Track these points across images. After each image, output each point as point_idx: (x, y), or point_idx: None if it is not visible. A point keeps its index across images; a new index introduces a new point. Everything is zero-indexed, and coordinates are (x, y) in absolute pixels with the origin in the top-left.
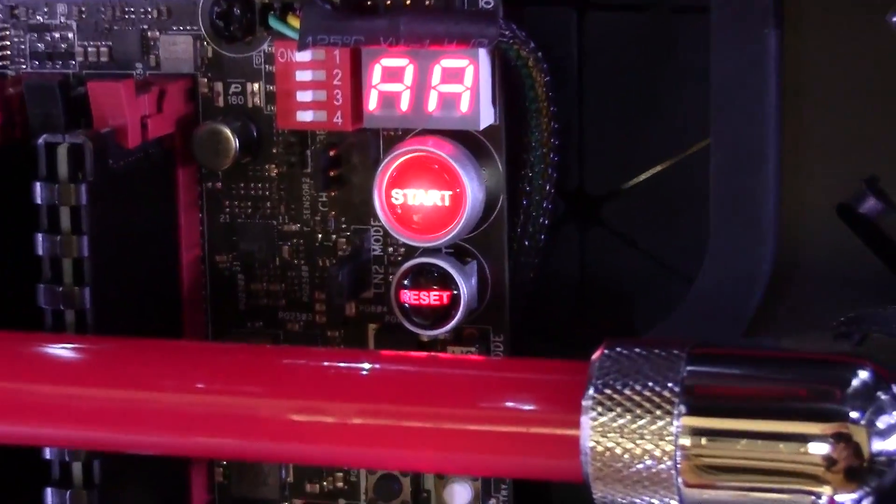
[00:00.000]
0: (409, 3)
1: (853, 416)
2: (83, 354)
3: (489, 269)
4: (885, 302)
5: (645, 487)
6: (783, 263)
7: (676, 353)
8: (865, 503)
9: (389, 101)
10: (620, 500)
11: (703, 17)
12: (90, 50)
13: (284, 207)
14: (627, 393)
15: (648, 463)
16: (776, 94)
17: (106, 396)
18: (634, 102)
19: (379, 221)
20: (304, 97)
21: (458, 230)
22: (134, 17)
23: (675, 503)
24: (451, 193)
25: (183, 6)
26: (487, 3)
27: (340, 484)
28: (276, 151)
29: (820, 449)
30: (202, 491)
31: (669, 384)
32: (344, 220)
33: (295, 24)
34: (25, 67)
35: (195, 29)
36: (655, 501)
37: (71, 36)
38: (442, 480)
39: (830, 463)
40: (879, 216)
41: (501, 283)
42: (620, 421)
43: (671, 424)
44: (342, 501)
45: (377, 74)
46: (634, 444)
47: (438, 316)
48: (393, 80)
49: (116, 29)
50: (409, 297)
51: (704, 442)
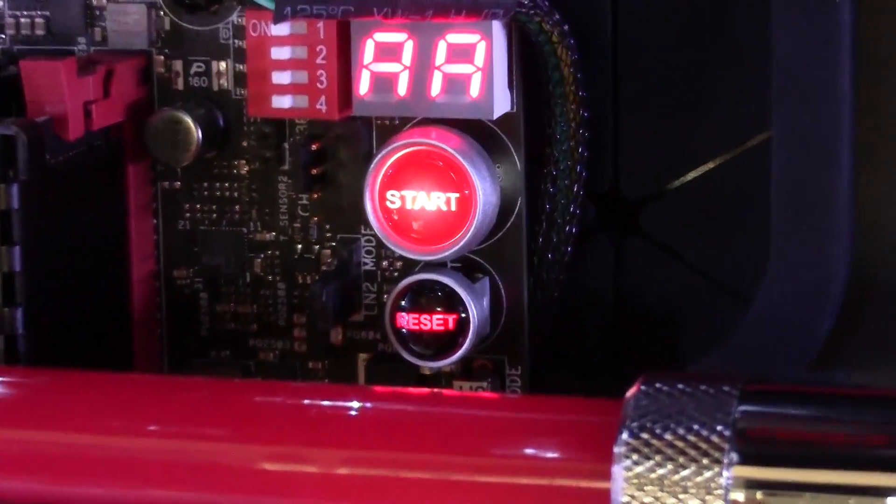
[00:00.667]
0: None
1: None
2: (13, 389)
3: (504, 287)
4: None
5: None
6: (858, 282)
7: (727, 389)
8: None
9: (384, 84)
10: None
11: None
12: (23, 21)
13: (257, 212)
14: (668, 438)
15: None
16: (850, 77)
17: (41, 440)
18: (680, 87)
19: (371, 229)
20: (280, 79)
21: (466, 240)
22: None
23: None
24: (458, 196)
25: None
26: None
27: None
28: (246, 144)
29: None
30: None
31: (719, 427)
32: (329, 227)
33: None
34: None
35: None
36: None
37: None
38: None
39: None
40: None
41: (519, 304)
42: (660, 471)
43: (721, 476)
44: None
45: (369, 52)
46: (677, 498)
47: (443, 344)
48: (388, 58)
49: None
50: (407, 321)
51: (760, 496)
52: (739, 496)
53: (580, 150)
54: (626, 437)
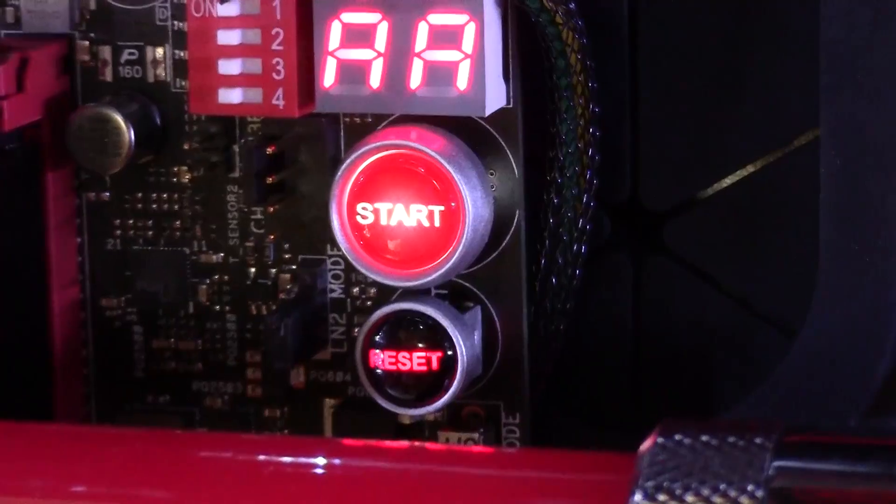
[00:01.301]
0: None
1: None
2: None
3: (500, 318)
4: None
5: None
6: None
7: (760, 441)
8: None
9: (354, 74)
10: None
11: None
12: None
13: (201, 229)
14: (689, 500)
15: None
16: None
17: None
18: (711, 78)
19: (339, 250)
20: (228, 68)
21: (453, 263)
22: None
23: None
24: (443, 209)
25: None
26: None
27: None
28: (189, 147)
29: None
30: None
31: (749, 486)
32: (288, 247)
33: None
34: None
35: None
36: None
37: None
38: None
39: None
40: None
41: (518, 339)
42: None
43: None
44: None
45: (336, 36)
46: None
47: (425, 387)
48: (359, 43)
49: None
50: (382, 360)
51: None
52: None
53: (590, 152)
54: (639, 499)
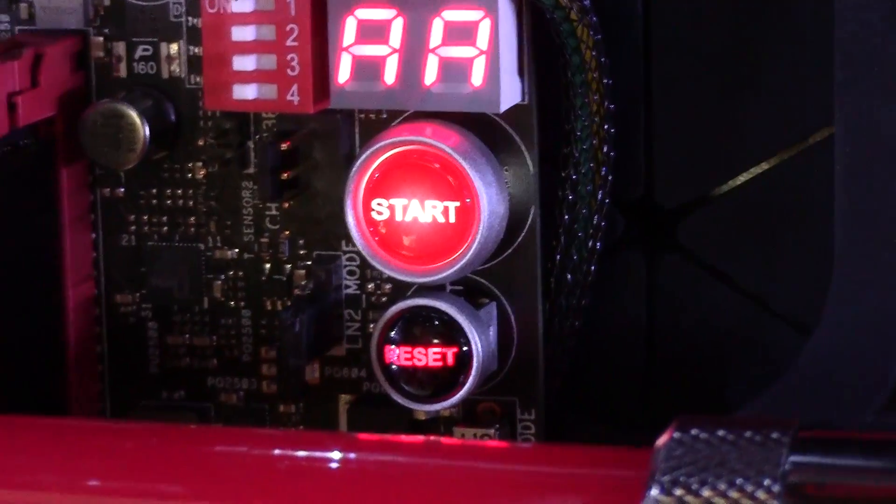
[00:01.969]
0: None
1: None
2: None
3: (514, 314)
4: None
5: None
6: None
7: (777, 437)
8: None
9: (368, 70)
10: None
11: None
12: None
13: (216, 225)
14: (706, 494)
15: None
16: None
17: None
18: (725, 74)
19: (354, 246)
20: (243, 64)
21: (468, 259)
22: None
23: None
24: (458, 205)
25: None
26: None
27: None
28: (203, 143)
29: None
30: None
31: (766, 481)
32: (303, 243)
33: None
34: None
35: None
36: None
37: None
38: None
39: None
40: None
41: (533, 335)
42: None
43: None
44: None
45: (351, 32)
46: None
47: (441, 383)
48: (374, 39)
49: None
50: (397, 355)
51: None
52: None
53: (605, 149)
54: (655, 493)
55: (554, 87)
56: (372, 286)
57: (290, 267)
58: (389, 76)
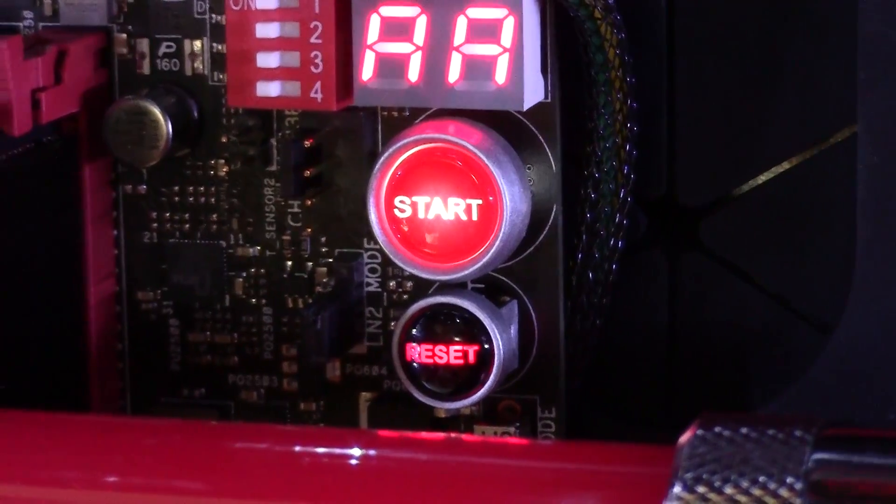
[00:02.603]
0: None
1: None
2: None
3: (536, 312)
4: None
5: None
6: None
7: (800, 434)
8: None
9: (392, 67)
10: None
11: None
12: None
13: (238, 222)
14: (729, 492)
15: None
16: None
17: None
18: (748, 73)
19: (376, 243)
20: (267, 61)
21: (490, 256)
22: None
23: None
24: (480, 203)
25: None
26: None
27: None
28: (226, 140)
29: None
30: None
31: (789, 479)
32: (325, 240)
33: None
34: None
35: None
36: None
37: None
38: None
39: None
40: None
41: (554, 333)
42: None
43: None
44: None
45: (374, 29)
46: None
47: (462, 381)
48: (397, 37)
49: None
50: (419, 353)
51: None
52: None
53: (627, 147)
54: (678, 490)
55: (577, 85)
56: (393, 284)
57: (311, 264)
58: (413, 74)
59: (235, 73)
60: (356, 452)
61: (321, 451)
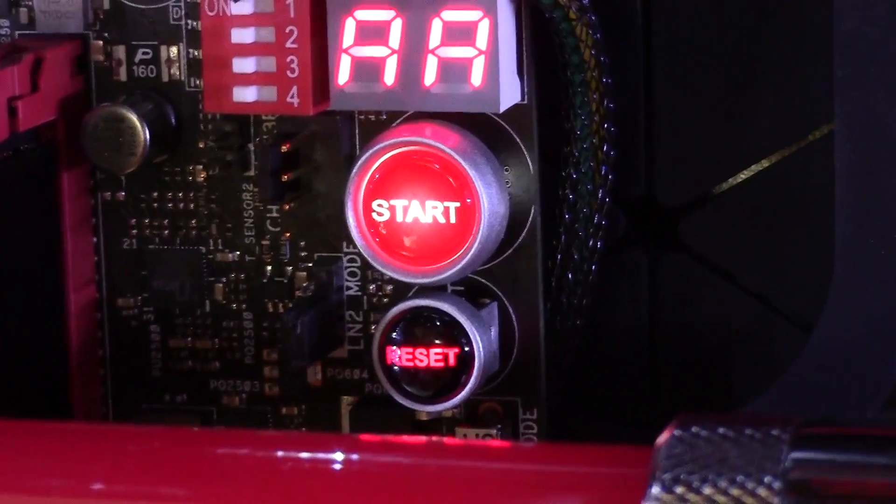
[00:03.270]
0: None
1: None
2: None
3: (516, 314)
4: None
5: None
6: None
7: (777, 433)
8: None
9: (368, 71)
10: None
11: None
12: None
13: (217, 228)
14: (707, 492)
15: None
16: None
17: None
18: (725, 72)
19: (355, 247)
20: (243, 67)
21: (469, 259)
22: None
23: None
24: (458, 205)
25: None
26: None
27: None
28: (204, 146)
29: None
30: None
31: (767, 478)
32: (304, 245)
33: None
34: None
35: None
36: None
37: None
38: None
39: None
40: None
41: (534, 335)
42: None
43: None
44: None
45: (350, 33)
46: None
47: (443, 384)
48: (373, 41)
49: None
50: (399, 356)
51: None
52: None
53: (605, 148)
54: (656, 491)
55: (554, 86)
56: (373, 287)
57: (291, 269)
58: (389, 77)
59: (212, 78)
60: (338, 457)
61: (303, 455)
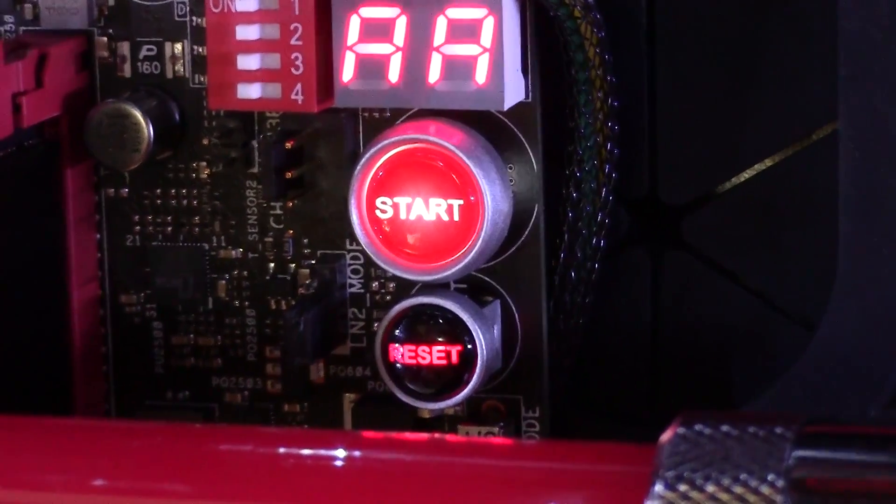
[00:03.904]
0: None
1: None
2: None
3: (519, 312)
4: None
5: None
6: None
7: (780, 432)
8: None
9: (372, 68)
10: None
11: None
12: None
13: (220, 225)
14: (711, 490)
15: None
16: None
17: None
18: (729, 71)
19: (358, 244)
20: (248, 64)
21: (473, 256)
22: None
23: None
24: (462, 203)
25: None
26: None
27: None
28: (207, 143)
29: None
30: None
31: (770, 476)
32: (307, 242)
33: None
34: None
35: None
36: None
37: None
38: None
39: None
40: None
41: (537, 333)
42: None
43: None
44: None
45: (354, 30)
46: None
47: (445, 381)
48: (378, 38)
49: None
50: (402, 354)
51: None
52: None
53: (609, 146)
54: (660, 489)
55: (558, 84)
56: (376, 285)
57: (294, 266)
58: (393, 74)
59: (216, 75)
60: (341, 454)
61: (306, 452)
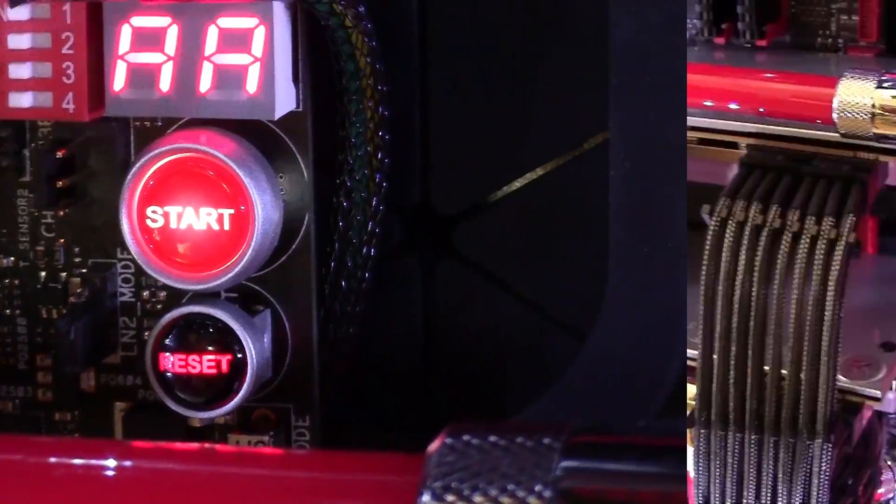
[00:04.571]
0: None
1: None
2: None
3: (289, 321)
4: None
5: None
6: None
7: (548, 442)
8: None
9: (144, 77)
10: None
11: None
12: None
13: None
14: (478, 500)
15: None
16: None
17: None
18: (502, 80)
19: (129, 253)
20: (19, 72)
21: (243, 266)
22: None
23: None
24: (232, 212)
25: None
26: None
27: None
28: None
29: None
30: None
31: (537, 487)
32: (79, 251)
33: None
34: None
35: None
36: None
37: None
38: None
39: None
40: None
41: (308, 341)
42: None
43: None
44: None
45: (126, 39)
46: None
47: (215, 390)
48: (149, 47)
49: None
50: (172, 363)
51: None
52: None
53: (380, 155)
54: (427, 499)
55: (329, 93)
56: (147, 293)
57: (65, 275)
58: (164, 84)
59: None
60: (111, 463)
61: (76, 462)
